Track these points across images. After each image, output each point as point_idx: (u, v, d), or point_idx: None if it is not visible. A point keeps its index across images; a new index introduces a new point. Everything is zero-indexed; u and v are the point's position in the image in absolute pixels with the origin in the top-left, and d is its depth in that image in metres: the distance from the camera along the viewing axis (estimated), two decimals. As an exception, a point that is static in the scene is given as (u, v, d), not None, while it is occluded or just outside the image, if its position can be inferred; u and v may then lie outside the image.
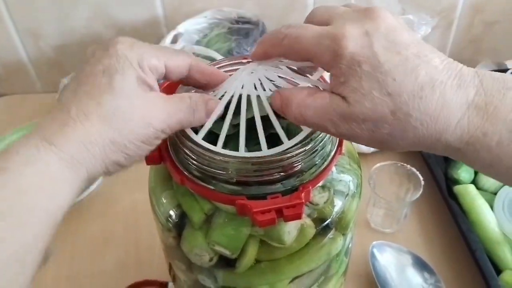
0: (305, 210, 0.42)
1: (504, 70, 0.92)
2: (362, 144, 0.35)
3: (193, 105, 0.38)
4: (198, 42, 0.90)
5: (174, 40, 0.90)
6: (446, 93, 0.32)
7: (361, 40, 0.32)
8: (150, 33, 0.96)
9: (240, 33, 0.90)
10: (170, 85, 0.44)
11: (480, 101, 0.32)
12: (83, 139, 0.32)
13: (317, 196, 0.43)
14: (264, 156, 0.39)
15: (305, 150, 0.39)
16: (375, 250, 0.67)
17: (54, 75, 0.99)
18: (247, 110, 0.40)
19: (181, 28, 0.91)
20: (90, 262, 0.71)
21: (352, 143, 0.50)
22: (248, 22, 0.92)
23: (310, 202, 0.42)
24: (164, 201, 0.45)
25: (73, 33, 0.97)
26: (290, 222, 0.39)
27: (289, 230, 0.41)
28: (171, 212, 0.44)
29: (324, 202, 0.43)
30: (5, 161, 0.30)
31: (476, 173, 0.77)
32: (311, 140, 0.40)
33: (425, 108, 0.31)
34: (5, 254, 0.29)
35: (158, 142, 0.37)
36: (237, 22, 0.92)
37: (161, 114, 0.36)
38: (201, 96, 0.39)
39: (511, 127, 0.31)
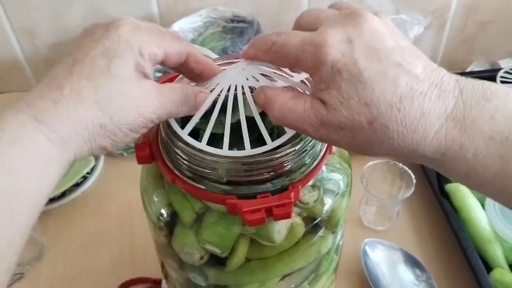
0: (295, 209, 0.43)
1: (497, 70, 0.93)
2: (340, 148, 0.35)
3: (183, 96, 0.38)
4: (193, 41, 0.91)
5: (169, 39, 0.91)
6: (425, 104, 0.31)
7: (342, 47, 0.32)
8: (145, 31, 0.96)
9: (235, 32, 0.91)
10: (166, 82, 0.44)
11: (458, 113, 0.31)
12: (74, 121, 0.32)
13: (307, 195, 0.43)
14: (254, 155, 0.39)
15: (295, 150, 0.40)
16: (367, 248, 0.68)
17: (50, 74, 0.99)
18: (234, 111, 0.40)
19: (176, 26, 0.91)
20: (84, 260, 0.72)
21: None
22: (242, 21, 0.93)
23: (300, 201, 0.43)
24: (156, 199, 0.45)
25: (68, 32, 0.97)
26: (279, 221, 0.40)
27: (279, 229, 0.42)
28: (163, 211, 0.45)
29: (314, 201, 0.43)
30: None
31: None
32: (301, 140, 0.40)
33: (403, 120, 0.31)
34: None
35: (145, 130, 0.36)
36: (232, 21, 0.93)
37: (152, 104, 0.35)
38: (192, 88, 0.39)
39: (488, 140, 0.31)
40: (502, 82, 0.89)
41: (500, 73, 0.91)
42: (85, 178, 0.81)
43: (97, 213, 0.78)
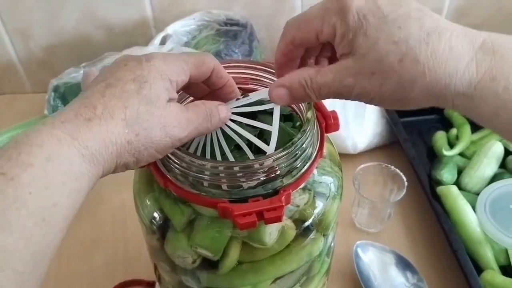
0: (287, 212, 0.43)
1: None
2: (375, 103, 0.36)
3: (208, 111, 0.40)
4: (186, 44, 0.91)
5: (163, 42, 0.91)
6: (452, 39, 0.32)
7: None
8: (139, 34, 0.97)
9: (229, 35, 0.91)
10: None
11: (487, 48, 0.32)
12: (104, 136, 0.34)
13: (298, 198, 0.44)
14: (245, 160, 0.40)
15: (286, 153, 0.40)
16: (359, 250, 0.69)
17: (44, 75, 0.99)
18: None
19: (170, 29, 0.92)
20: (78, 262, 0.72)
21: (334, 146, 0.51)
22: (236, 24, 0.93)
23: (291, 204, 0.43)
24: (148, 203, 0.46)
25: (62, 34, 0.98)
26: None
27: (270, 232, 0.42)
28: (155, 214, 0.45)
29: (305, 204, 0.44)
30: (28, 155, 0.31)
31: (459, 174, 0.78)
32: (292, 144, 0.41)
33: (432, 53, 0.32)
34: (30, 249, 0.30)
35: (171, 151, 0.38)
36: (226, 24, 0.93)
37: (179, 123, 0.37)
38: (212, 102, 0.41)
39: None
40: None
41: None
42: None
43: (91, 215, 0.78)
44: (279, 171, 0.41)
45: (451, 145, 0.83)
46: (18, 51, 1.00)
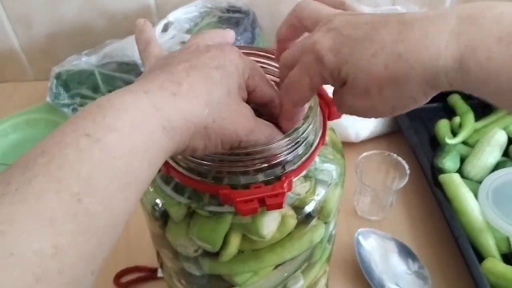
0: (287, 199, 0.43)
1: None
2: (381, 112, 0.37)
3: (270, 137, 0.40)
4: (188, 31, 0.91)
5: (165, 29, 0.91)
6: (424, 24, 0.33)
7: (329, 35, 0.36)
8: (141, 21, 0.96)
9: (231, 22, 0.91)
10: None
11: (463, 20, 0.32)
12: (186, 114, 0.34)
13: (299, 186, 0.43)
14: (249, 148, 0.40)
15: (288, 140, 0.40)
16: (360, 237, 0.69)
17: (46, 63, 0.99)
18: None
19: (171, 17, 0.91)
20: (81, 249, 0.72)
21: (337, 133, 0.51)
22: (238, 11, 0.93)
23: (292, 192, 0.43)
24: (151, 190, 0.46)
25: (64, 21, 0.98)
26: (270, 215, 0.41)
27: (268, 224, 0.42)
28: (157, 201, 0.45)
29: (306, 192, 0.44)
30: (116, 119, 0.30)
31: (462, 162, 0.78)
32: (294, 131, 0.41)
33: (410, 45, 0.33)
34: (111, 212, 0.29)
35: (228, 148, 0.38)
36: (228, 11, 0.93)
37: (248, 125, 0.38)
38: (279, 132, 0.42)
39: (498, 41, 0.31)
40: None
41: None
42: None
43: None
44: (281, 158, 0.41)
45: (454, 134, 0.83)
46: (20, 39, 1.00)
